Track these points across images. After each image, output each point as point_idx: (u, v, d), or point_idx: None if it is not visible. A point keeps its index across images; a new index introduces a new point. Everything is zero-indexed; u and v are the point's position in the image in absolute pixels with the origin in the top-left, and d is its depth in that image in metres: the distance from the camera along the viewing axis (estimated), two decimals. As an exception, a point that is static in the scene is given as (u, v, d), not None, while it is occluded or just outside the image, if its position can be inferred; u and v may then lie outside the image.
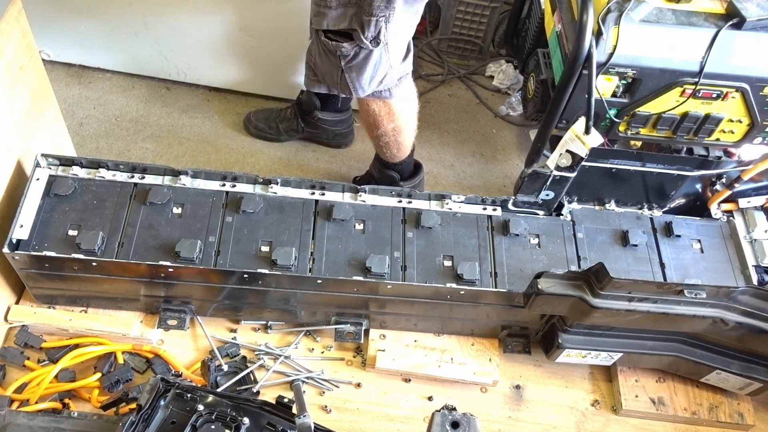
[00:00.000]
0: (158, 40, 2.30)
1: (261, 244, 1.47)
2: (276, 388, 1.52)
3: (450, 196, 1.59)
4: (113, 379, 1.44)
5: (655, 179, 1.55)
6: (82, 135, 2.29)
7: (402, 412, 1.53)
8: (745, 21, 1.53)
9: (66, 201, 1.46)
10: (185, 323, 1.54)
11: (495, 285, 1.49)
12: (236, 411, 1.14)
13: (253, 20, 2.18)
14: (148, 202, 1.48)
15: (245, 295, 1.48)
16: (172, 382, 1.16)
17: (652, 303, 1.34)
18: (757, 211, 1.63)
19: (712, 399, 1.59)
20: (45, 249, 1.38)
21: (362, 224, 1.53)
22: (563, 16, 1.70)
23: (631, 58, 1.57)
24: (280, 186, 1.56)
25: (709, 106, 1.65)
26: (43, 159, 1.49)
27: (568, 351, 1.52)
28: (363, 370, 1.57)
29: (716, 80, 1.59)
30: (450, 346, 1.59)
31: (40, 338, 1.50)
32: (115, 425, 1.13)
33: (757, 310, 1.35)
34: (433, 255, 1.51)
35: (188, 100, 2.43)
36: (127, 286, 1.46)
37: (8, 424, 1.13)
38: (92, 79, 2.45)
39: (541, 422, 1.56)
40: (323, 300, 1.50)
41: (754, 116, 1.66)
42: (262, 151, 2.33)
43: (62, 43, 2.35)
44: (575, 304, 1.37)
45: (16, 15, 1.41)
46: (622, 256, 1.57)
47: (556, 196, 1.57)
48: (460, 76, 2.69)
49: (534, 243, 1.56)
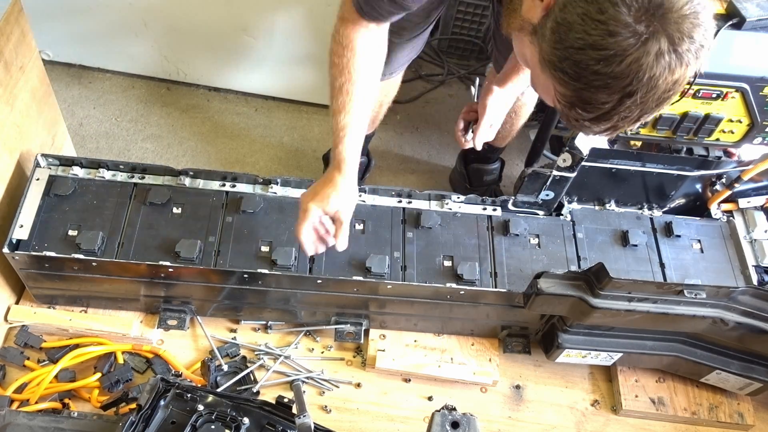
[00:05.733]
0: (158, 40, 2.30)
1: (261, 244, 1.47)
2: (276, 388, 1.52)
3: (450, 196, 1.59)
4: (113, 379, 1.44)
5: (655, 179, 1.55)
6: (82, 135, 2.29)
7: (402, 412, 1.53)
8: (745, 21, 1.53)
9: (66, 201, 1.46)
10: (185, 323, 1.54)
11: (495, 285, 1.49)
12: (236, 411, 1.14)
13: (253, 20, 2.18)
14: (148, 202, 1.48)
15: (245, 295, 1.48)
16: (172, 382, 1.16)
17: (652, 303, 1.34)
18: (757, 211, 1.63)
19: (712, 399, 1.59)
20: (45, 249, 1.38)
21: (362, 224, 1.53)
22: (563, 16, 1.70)
23: (631, 58, 1.57)
24: (280, 186, 1.56)
25: (708, 106, 1.65)
26: (43, 159, 1.49)
27: (568, 351, 1.52)
28: (363, 370, 1.57)
29: (716, 80, 1.59)
30: (450, 346, 1.59)
31: (40, 338, 1.50)
32: (115, 425, 1.13)
33: (757, 310, 1.35)
34: (433, 255, 1.51)
35: (188, 100, 2.43)
36: (127, 286, 1.46)
37: (8, 424, 1.13)
38: (92, 79, 2.45)
39: (541, 422, 1.56)
40: (323, 300, 1.50)
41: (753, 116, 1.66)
42: (262, 151, 2.33)
43: (62, 43, 2.35)
44: (575, 304, 1.37)
45: (16, 15, 1.41)
46: (622, 256, 1.57)
47: (556, 196, 1.57)
48: (460, 76, 2.69)
49: (534, 243, 1.56)
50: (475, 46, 2.71)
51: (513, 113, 1.90)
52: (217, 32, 2.23)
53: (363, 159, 2.15)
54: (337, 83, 1.29)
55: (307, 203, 1.30)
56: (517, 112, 1.89)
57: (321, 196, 1.29)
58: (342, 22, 1.28)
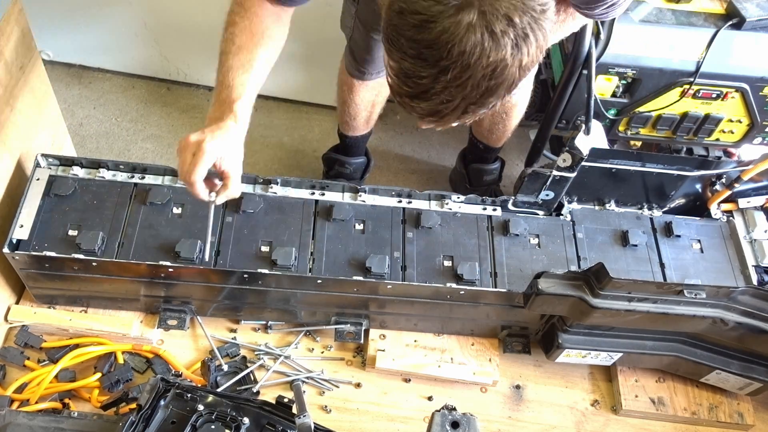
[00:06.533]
0: (158, 40, 2.30)
1: (261, 244, 1.47)
2: (276, 388, 1.52)
3: (450, 196, 1.59)
4: (113, 379, 1.44)
5: (655, 179, 1.55)
6: (82, 135, 2.30)
7: (402, 412, 1.53)
8: (745, 21, 1.53)
9: (66, 201, 1.46)
10: (185, 323, 1.54)
11: (495, 285, 1.49)
12: (236, 411, 1.14)
13: (253, 20, 2.18)
14: (148, 202, 1.48)
15: (245, 295, 1.48)
16: (172, 382, 1.16)
17: (652, 303, 1.34)
18: (757, 211, 1.63)
19: (712, 399, 1.59)
20: (45, 249, 1.38)
21: (362, 224, 1.53)
22: (563, 16, 1.70)
23: (630, 58, 1.58)
24: (280, 186, 1.56)
25: (708, 107, 1.65)
26: (43, 159, 1.49)
27: (568, 351, 1.52)
28: (363, 370, 1.57)
29: (716, 80, 1.59)
30: (450, 346, 1.59)
31: (40, 338, 1.50)
32: (115, 425, 1.13)
33: (757, 310, 1.35)
34: (433, 255, 1.51)
35: (188, 100, 2.43)
36: (127, 286, 1.46)
37: (8, 424, 1.13)
38: (92, 79, 2.45)
39: (541, 422, 1.56)
40: (323, 300, 1.50)
41: (753, 116, 1.67)
42: (262, 151, 2.33)
43: (62, 43, 2.35)
44: (575, 304, 1.37)
45: (16, 15, 1.41)
46: (622, 256, 1.57)
47: (556, 196, 1.57)
48: (460, 76, 2.69)
49: (534, 243, 1.56)
50: (475, 46, 2.71)
51: (504, 113, 1.90)
52: (218, 32, 2.23)
53: (362, 159, 2.15)
54: (238, 41, 1.25)
55: (205, 144, 1.19)
56: (507, 112, 1.89)
57: (219, 141, 1.20)
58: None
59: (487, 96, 0.93)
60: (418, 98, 0.95)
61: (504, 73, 0.90)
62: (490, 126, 1.99)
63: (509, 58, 0.89)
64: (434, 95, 0.93)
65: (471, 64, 0.88)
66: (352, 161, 2.12)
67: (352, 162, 2.12)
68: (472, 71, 0.89)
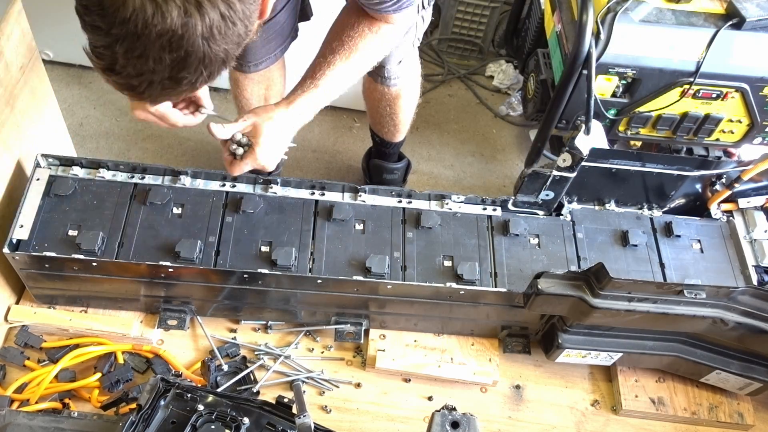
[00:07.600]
0: (158, 40, 2.30)
1: (261, 244, 1.47)
2: (276, 388, 1.52)
3: (450, 196, 1.59)
4: (113, 379, 1.44)
5: (655, 179, 1.55)
6: (82, 135, 2.30)
7: (402, 412, 1.53)
8: (745, 21, 1.53)
9: (66, 201, 1.46)
10: (185, 323, 1.54)
11: (495, 285, 1.49)
12: (236, 411, 1.14)
13: (253, 20, 2.18)
14: (148, 202, 1.48)
15: (245, 295, 1.48)
16: (172, 382, 1.16)
17: (652, 303, 1.34)
18: (757, 211, 1.63)
19: (712, 399, 1.59)
20: (45, 249, 1.38)
21: (362, 224, 1.53)
22: (563, 16, 1.70)
23: (630, 58, 1.58)
24: (280, 186, 1.56)
25: (708, 106, 1.65)
26: (43, 159, 1.49)
27: (568, 351, 1.52)
28: (363, 370, 1.57)
29: (716, 80, 1.59)
30: (450, 346, 1.59)
31: (40, 338, 1.50)
32: (115, 425, 1.13)
33: (757, 310, 1.35)
34: (433, 255, 1.51)
35: (188, 100, 2.43)
36: (127, 286, 1.46)
37: (8, 424, 1.13)
38: (92, 79, 2.45)
39: (541, 422, 1.56)
40: (323, 300, 1.50)
41: (753, 116, 1.67)
42: (262, 151, 2.33)
43: (62, 43, 2.35)
44: (575, 304, 1.37)
45: (16, 15, 1.41)
46: (622, 256, 1.57)
47: (556, 196, 1.57)
48: (460, 76, 2.69)
49: (534, 243, 1.56)
50: (475, 46, 2.71)
51: (387, 105, 1.84)
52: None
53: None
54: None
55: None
56: (391, 104, 1.83)
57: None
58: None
59: (179, 71, 0.88)
60: (110, 71, 0.90)
61: (182, 44, 0.85)
62: (377, 118, 1.94)
63: (180, 28, 0.84)
64: (122, 68, 0.89)
65: (140, 34, 0.83)
66: None
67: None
68: (145, 42, 0.84)
